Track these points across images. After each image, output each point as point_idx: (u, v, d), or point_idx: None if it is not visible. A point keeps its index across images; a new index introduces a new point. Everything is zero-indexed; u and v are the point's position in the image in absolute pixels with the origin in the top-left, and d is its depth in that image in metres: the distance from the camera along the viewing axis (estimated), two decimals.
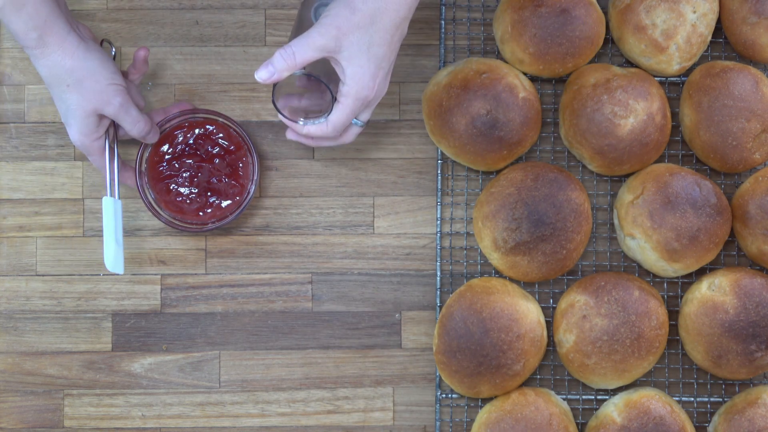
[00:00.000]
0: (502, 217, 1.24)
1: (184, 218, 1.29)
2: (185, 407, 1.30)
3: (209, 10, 1.33)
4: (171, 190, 1.29)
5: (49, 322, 1.31)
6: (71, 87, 1.20)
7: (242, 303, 1.31)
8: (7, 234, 1.32)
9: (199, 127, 1.29)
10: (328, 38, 1.14)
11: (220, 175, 1.28)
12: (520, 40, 1.27)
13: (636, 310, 1.23)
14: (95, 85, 1.20)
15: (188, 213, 1.29)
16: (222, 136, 1.29)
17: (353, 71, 1.16)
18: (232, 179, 1.28)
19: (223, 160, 1.29)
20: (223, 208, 1.29)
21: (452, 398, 1.30)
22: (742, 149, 1.26)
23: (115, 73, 1.22)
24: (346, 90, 1.17)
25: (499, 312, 1.23)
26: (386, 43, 1.16)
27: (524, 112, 1.26)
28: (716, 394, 1.30)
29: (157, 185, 1.29)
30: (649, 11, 1.26)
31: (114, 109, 1.22)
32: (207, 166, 1.29)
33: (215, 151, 1.29)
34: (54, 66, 1.19)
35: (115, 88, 1.21)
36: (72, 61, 1.19)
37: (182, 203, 1.28)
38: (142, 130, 1.24)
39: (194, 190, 1.29)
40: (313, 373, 1.31)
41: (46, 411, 1.30)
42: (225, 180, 1.28)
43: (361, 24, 1.15)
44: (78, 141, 1.23)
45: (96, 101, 1.21)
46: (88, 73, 1.20)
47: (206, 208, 1.29)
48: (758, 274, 1.24)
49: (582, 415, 1.29)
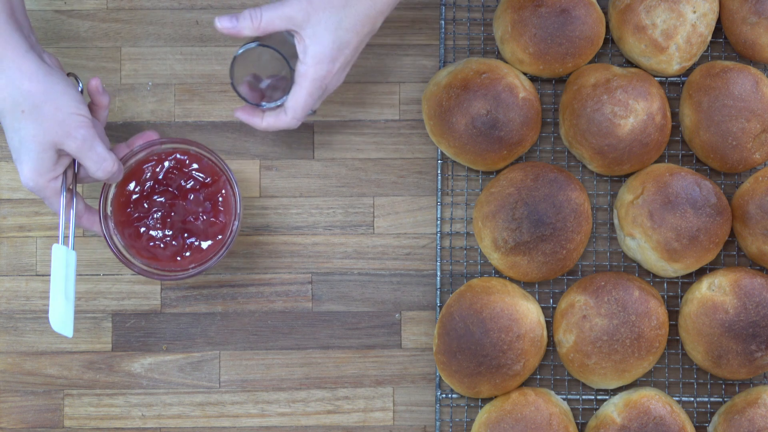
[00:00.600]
0: (502, 217, 1.24)
1: (159, 265, 1.15)
2: (185, 407, 1.30)
3: (209, 10, 1.33)
4: (142, 235, 1.14)
5: (49, 322, 1.31)
6: (26, 114, 1.06)
7: (242, 303, 1.31)
8: (7, 234, 1.32)
9: (168, 159, 1.15)
10: (297, 9, 1.11)
11: (197, 213, 1.14)
12: (520, 40, 1.27)
13: (636, 310, 1.23)
14: (56, 114, 1.06)
15: (163, 259, 1.14)
16: (196, 167, 1.15)
17: (315, 50, 1.12)
18: (212, 216, 1.15)
19: (199, 195, 1.14)
20: (204, 249, 1.15)
21: (452, 398, 1.30)
22: (742, 149, 1.26)
23: (81, 103, 1.09)
24: (304, 69, 1.13)
25: (499, 312, 1.23)
26: (354, 31, 1.13)
27: (524, 112, 1.26)
28: (716, 394, 1.30)
29: (125, 230, 1.15)
30: (649, 11, 1.26)
31: (76, 144, 1.07)
32: (181, 204, 1.14)
33: (189, 185, 1.15)
34: (7, 86, 1.05)
35: (79, 119, 1.08)
36: (30, 83, 1.05)
37: (156, 248, 1.14)
38: (108, 171, 1.10)
39: (168, 233, 1.15)
40: (313, 373, 1.31)
41: (46, 411, 1.30)
42: (203, 218, 1.14)
43: (334, 3, 1.12)
44: (31, 181, 1.08)
45: (55, 133, 1.06)
46: (49, 98, 1.06)
47: (184, 252, 1.15)
48: (758, 274, 1.24)
49: (582, 415, 1.29)
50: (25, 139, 1.06)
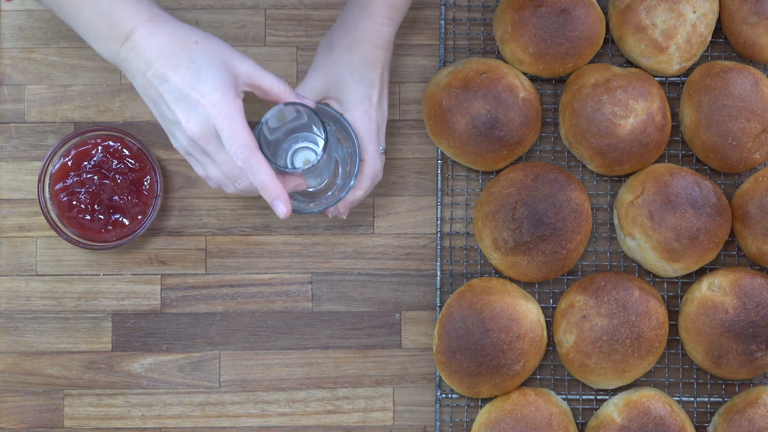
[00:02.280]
0: (502, 217, 1.24)
1: (85, 235, 1.27)
2: (185, 407, 1.30)
3: (209, 10, 1.33)
4: (74, 207, 1.26)
5: (49, 322, 1.31)
6: (200, 43, 1.09)
7: (242, 303, 1.31)
8: (7, 234, 1.32)
9: (103, 143, 1.26)
10: (317, 81, 1.21)
11: (123, 194, 1.26)
12: (520, 40, 1.27)
13: (636, 310, 1.23)
14: (224, 43, 1.11)
15: (91, 230, 1.26)
16: (127, 153, 1.27)
17: (348, 98, 1.21)
18: (135, 197, 1.27)
19: (125, 178, 1.26)
20: (126, 225, 1.27)
21: (452, 398, 1.30)
22: (742, 149, 1.26)
23: None
24: (351, 117, 1.21)
25: (499, 312, 1.23)
26: (370, 67, 1.21)
27: (524, 112, 1.26)
28: (716, 394, 1.30)
29: (59, 200, 1.26)
30: (649, 11, 1.26)
31: (251, 64, 1.11)
32: (110, 184, 1.26)
33: (118, 167, 1.26)
34: (176, 29, 1.10)
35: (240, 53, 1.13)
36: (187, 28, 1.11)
37: (83, 220, 1.26)
38: (283, 89, 1.13)
39: (97, 208, 1.26)
40: (313, 373, 1.31)
41: (46, 411, 1.30)
42: (127, 198, 1.26)
43: (340, 57, 1.21)
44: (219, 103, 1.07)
45: (231, 52, 1.10)
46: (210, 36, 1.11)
47: (107, 226, 1.27)
48: (758, 274, 1.24)
49: (582, 415, 1.29)
50: (203, 63, 1.08)
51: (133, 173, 1.27)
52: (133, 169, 1.27)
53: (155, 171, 1.27)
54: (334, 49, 1.22)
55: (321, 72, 1.22)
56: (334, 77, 1.22)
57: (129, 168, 1.27)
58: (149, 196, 1.27)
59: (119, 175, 1.26)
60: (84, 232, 1.26)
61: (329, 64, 1.22)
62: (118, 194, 1.26)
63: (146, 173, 1.27)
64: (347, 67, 1.21)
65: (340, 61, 1.21)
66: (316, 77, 1.22)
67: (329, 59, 1.22)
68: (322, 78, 1.22)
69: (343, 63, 1.21)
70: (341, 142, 1.22)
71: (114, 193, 1.26)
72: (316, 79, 1.22)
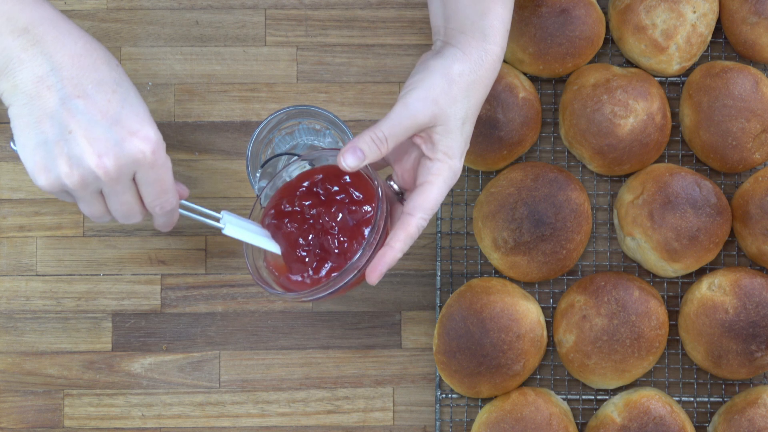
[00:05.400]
0: (502, 217, 1.24)
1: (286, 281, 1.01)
2: (185, 407, 1.31)
3: (209, 10, 1.33)
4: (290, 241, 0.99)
5: (49, 322, 1.31)
6: (120, 68, 0.94)
7: (242, 303, 1.31)
8: (7, 234, 1.32)
9: None
10: (426, 115, 1.01)
11: (335, 236, 1.00)
12: (520, 40, 1.27)
13: (636, 310, 1.23)
14: None
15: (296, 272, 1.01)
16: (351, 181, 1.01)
17: (445, 146, 1.03)
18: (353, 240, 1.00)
19: (346, 214, 1.02)
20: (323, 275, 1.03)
21: (452, 398, 1.30)
22: (742, 149, 1.26)
23: None
24: (437, 168, 1.04)
25: (499, 312, 1.23)
26: (475, 118, 1.07)
27: (524, 112, 1.26)
28: (716, 394, 1.30)
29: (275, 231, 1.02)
30: (649, 11, 1.26)
31: None
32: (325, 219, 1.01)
33: (339, 197, 1.02)
34: (94, 41, 0.92)
35: None
36: None
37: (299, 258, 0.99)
38: None
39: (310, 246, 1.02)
40: (313, 373, 1.31)
41: (46, 411, 1.30)
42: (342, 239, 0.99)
43: (458, 98, 1.03)
44: (157, 144, 0.95)
45: None
46: None
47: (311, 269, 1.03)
48: (758, 274, 1.24)
49: (582, 415, 1.29)
50: (130, 90, 0.92)
51: (356, 207, 1.13)
52: (358, 202, 1.13)
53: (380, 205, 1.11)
54: (453, 85, 1.03)
55: (431, 106, 1.02)
56: (445, 118, 1.03)
57: (352, 200, 1.11)
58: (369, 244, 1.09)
59: (339, 208, 1.11)
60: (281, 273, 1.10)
61: (446, 101, 1.02)
62: (330, 235, 1.10)
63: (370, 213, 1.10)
64: (460, 112, 1.04)
65: (458, 100, 1.03)
66: (426, 111, 1.02)
67: (448, 96, 1.03)
68: (431, 113, 1.02)
69: (458, 105, 1.03)
70: None
71: (326, 233, 1.10)
72: (425, 115, 1.02)
